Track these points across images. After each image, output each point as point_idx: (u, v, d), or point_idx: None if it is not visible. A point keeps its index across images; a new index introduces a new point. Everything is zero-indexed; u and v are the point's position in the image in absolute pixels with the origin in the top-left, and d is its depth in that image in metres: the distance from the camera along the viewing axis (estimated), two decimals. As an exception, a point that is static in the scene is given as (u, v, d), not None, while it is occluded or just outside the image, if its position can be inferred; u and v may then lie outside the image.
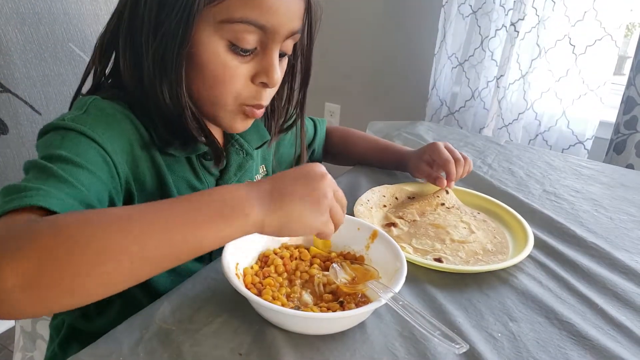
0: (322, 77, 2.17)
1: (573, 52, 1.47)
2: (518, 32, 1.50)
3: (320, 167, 0.48)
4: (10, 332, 1.48)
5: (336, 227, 0.50)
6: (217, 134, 0.68)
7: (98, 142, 0.51)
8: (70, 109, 0.58)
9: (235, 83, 0.56)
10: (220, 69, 0.55)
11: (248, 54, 0.55)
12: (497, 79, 1.58)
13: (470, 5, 1.62)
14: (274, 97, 0.67)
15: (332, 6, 2.04)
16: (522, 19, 1.49)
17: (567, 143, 1.55)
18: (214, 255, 0.65)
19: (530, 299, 0.58)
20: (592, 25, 1.42)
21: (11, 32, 0.70)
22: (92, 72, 0.61)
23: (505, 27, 1.56)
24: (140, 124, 0.57)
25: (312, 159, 0.93)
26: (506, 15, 1.56)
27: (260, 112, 0.60)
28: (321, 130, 0.93)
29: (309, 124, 0.91)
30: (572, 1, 1.43)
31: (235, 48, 0.54)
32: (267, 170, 0.80)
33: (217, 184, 0.68)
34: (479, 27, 1.62)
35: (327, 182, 0.47)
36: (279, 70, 0.57)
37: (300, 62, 0.66)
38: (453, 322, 0.53)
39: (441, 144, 0.81)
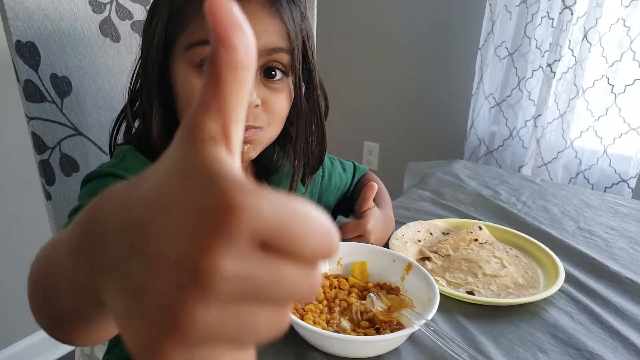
0: (361, 116, 2.25)
1: (612, 92, 1.48)
2: (555, 72, 1.53)
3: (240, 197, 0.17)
4: (70, 355, 1.57)
5: (276, 334, 0.19)
6: None
7: None
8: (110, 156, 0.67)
9: None
10: (189, 93, 0.57)
11: None
12: (535, 118, 1.61)
13: (507, 48, 1.67)
14: (294, 137, 0.68)
15: (372, 47, 2.13)
16: (559, 60, 1.52)
17: (610, 181, 1.54)
18: None
19: (560, 331, 0.60)
20: (631, 65, 1.44)
21: (86, 82, 0.80)
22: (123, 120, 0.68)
23: (542, 68, 1.60)
24: None
25: (348, 208, 0.90)
26: (542, 56, 1.60)
27: (245, 133, 0.58)
28: (357, 179, 0.91)
29: (349, 172, 0.90)
30: (609, 42, 1.46)
31: (202, 70, 0.57)
32: None
33: None
34: (516, 68, 1.66)
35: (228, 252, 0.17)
36: (252, 90, 0.56)
37: (305, 89, 0.65)
38: (483, 351, 0.56)
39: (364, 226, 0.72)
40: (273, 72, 0.60)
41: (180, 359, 0.17)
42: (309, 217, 0.18)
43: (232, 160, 0.19)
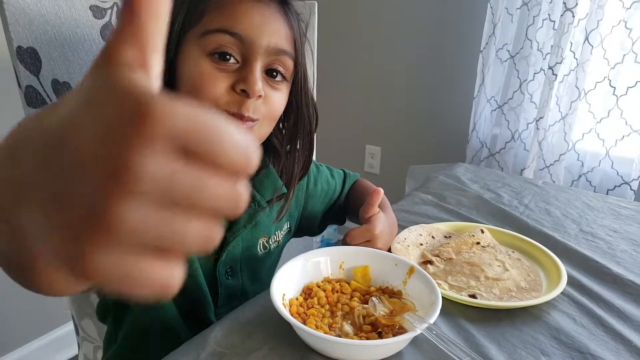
0: (362, 119, 2.25)
1: (614, 94, 1.48)
2: (556, 75, 1.53)
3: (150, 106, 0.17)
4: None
5: (206, 247, 0.20)
6: None
7: None
8: None
9: (213, 89, 0.57)
10: (199, 77, 0.58)
11: (227, 63, 0.58)
12: (537, 120, 1.61)
13: (508, 51, 1.67)
14: (281, 141, 0.70)
15: (372, 50, 2.13)
16: (560, 63, 1.52)
17: (612, 184, 1.53)
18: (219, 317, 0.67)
19: (563, 334, 0.60)
20: (633, 67, 1.44)
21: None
22: None
23: (544, 70, 1.60)
24: None
25: (338, 217, 0.91)
26: (544, 59, 1.59)
27: (243, 125, 0.60)
28: (348, 186, 0.91)
29: (338, 178, 0.90)
30: (611, 45, 1.46)
31: (214, 58, 0.57)
32: (290, 228, 0.81)
33: (225, 237, 0.68)
34: (517, 70, 1.66)
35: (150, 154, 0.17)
36: (259, 80, 0.58)
37: (296, 98, 0.67)
38: (486, 354, 0.56)
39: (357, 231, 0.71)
40: (274, 73, 0.62)
41: (107, 263, 0.17)
42: (222, 126, 0.18)
43: (150, 84, 0.19)
